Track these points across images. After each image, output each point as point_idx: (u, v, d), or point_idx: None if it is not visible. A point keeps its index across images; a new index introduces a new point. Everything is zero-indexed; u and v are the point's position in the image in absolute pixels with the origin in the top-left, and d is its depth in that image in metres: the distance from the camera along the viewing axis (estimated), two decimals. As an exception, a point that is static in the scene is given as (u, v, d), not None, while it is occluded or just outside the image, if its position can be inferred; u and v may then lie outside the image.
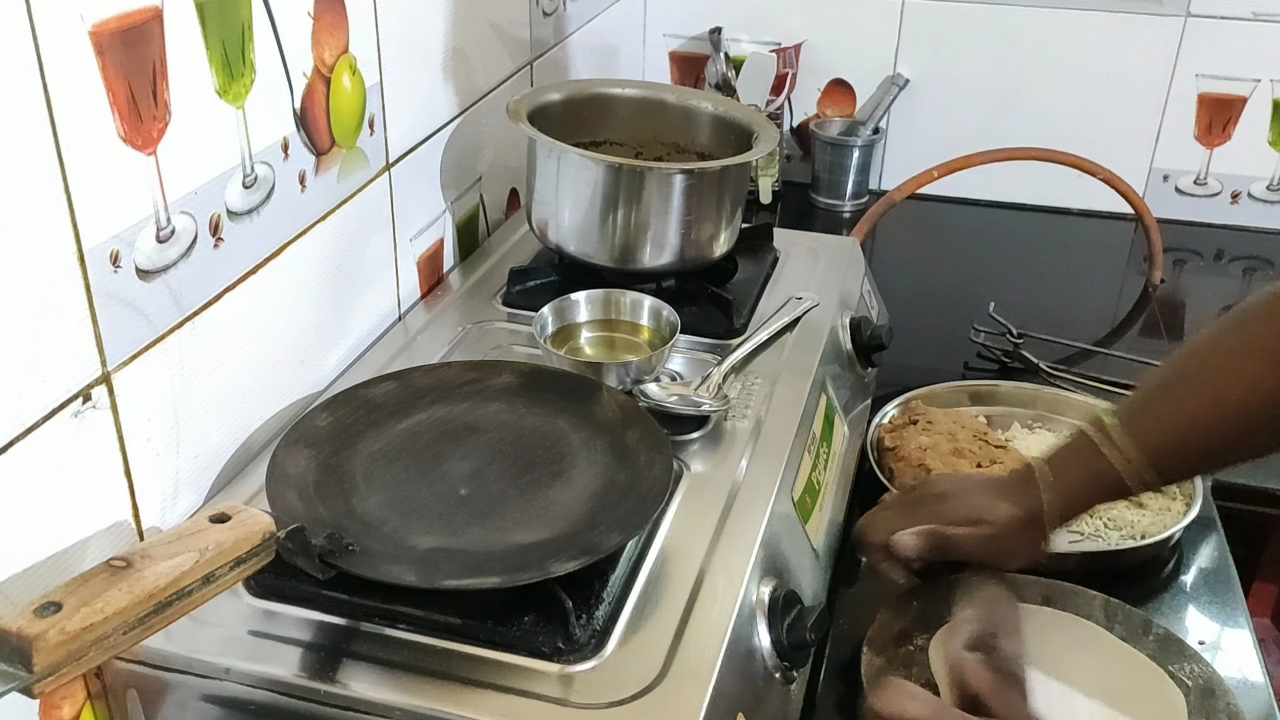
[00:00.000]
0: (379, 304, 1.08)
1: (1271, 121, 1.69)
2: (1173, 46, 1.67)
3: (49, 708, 0.73)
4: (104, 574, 0.58)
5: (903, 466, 1.09)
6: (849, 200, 1.79)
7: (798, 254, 1.23)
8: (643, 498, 0.77)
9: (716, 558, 0.78)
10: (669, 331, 0.99)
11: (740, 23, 1.79)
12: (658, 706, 0.67)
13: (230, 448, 0.88)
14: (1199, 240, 1.73)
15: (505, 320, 1.08)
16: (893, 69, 1.77)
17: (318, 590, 0.72)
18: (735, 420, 0.93)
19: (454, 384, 0.89)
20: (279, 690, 0.69)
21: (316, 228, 0.95)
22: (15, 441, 0.66)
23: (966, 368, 1.36)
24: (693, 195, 1.07)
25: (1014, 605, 0.86)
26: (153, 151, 0.74)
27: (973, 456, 1.08)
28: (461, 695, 0.67)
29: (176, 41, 0.75)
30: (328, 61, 0.94)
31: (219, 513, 0.65)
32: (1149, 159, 1.75)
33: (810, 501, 0.92)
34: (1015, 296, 1.47)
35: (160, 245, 0.76)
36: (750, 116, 1.18)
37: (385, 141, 1.05)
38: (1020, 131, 1.69)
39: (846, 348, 1.13)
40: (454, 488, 0.79)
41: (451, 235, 1.22)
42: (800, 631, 0.77)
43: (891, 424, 1.16)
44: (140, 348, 0.76)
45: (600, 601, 0.73)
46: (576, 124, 1.19)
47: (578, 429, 0.85)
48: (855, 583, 1.02)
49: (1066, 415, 1.21)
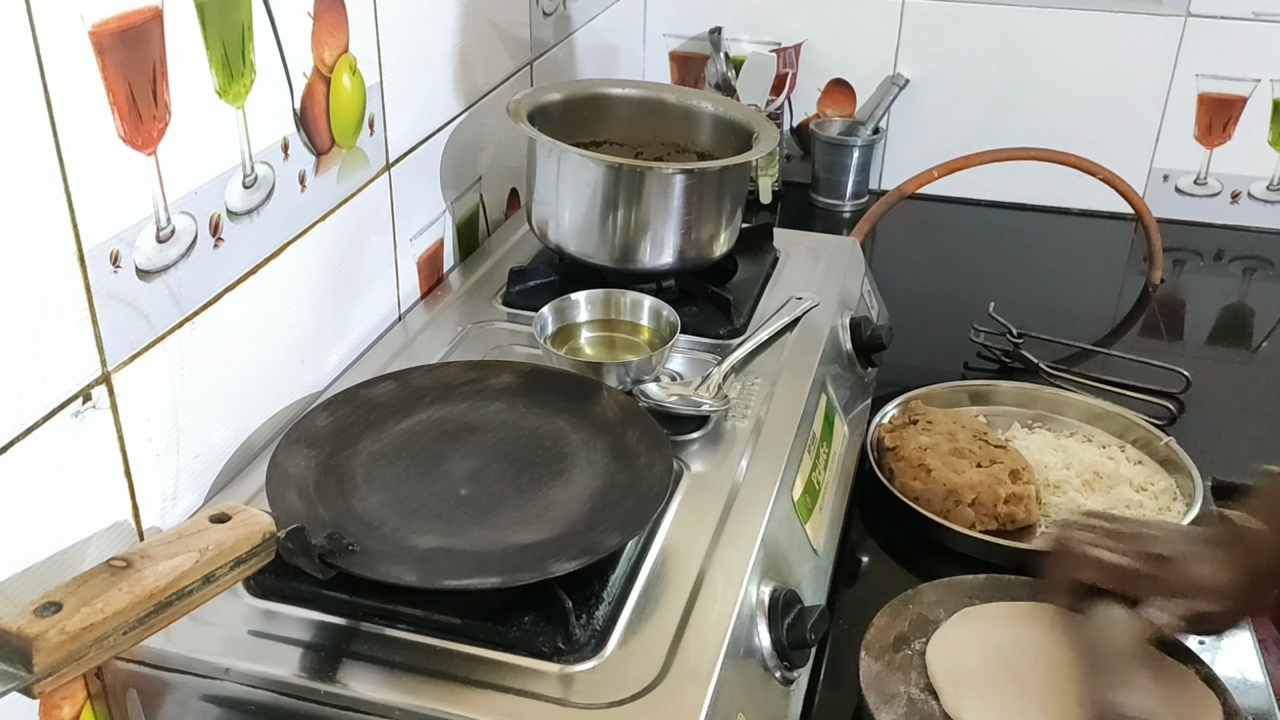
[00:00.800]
0: (379, 304, 1.08)
1: (1271, 121, 1.69)
2: (1173, 46, 1.67)
3: (49, 708, 0.73)
4: (104, 574, 0.58)
5: (903, 466, 1.09)
6: (849, 200, 1.79)
7: (798, 254, 1.23)
8: (643, 498, 0.77)
9: (716, 558, 0.78)
10: (669, 331, 0.99)
11: (740, 23, 1.79)
12: (658, 706, 0.67)
13: (230, 448, 0.88)
14: (1199, 240, 1.73)
15: (505, 320, 1.08)
16: (893, 69, 1.77)
17: (318, 590, 0.72)
18: (735, 420, 0.93)
19: (454, 384, 0.89)
20: (279, 690, 0.69)
21: (316, 228, 0.95)
22: (15, 441, 0.66)
23: (966, 368, 1.36)
24: (693, 195, 1.07)
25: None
26: (153, 151, 0.74)
27: (973, 456, 1.08)
28: (461, 695, 0.67)
29: (176, 41, 0.75)
30: (328, 61, 0.94)
31: (219, 513, 0.65)
32: (1149, 159, 1.75)
33: (810, 501, 0.92)
34: (1015, 296, 1.47)
35: (160, 245, 0.76)
36: (750, 116, 1.18)
37: (385, 141, 1.05)
38: (1020, 131, 1.69)
39: (846, 348, 1.13)
40: (454, 488, 0.79)
41: (451, 235, 1.22)
42: (800, 631, 0.77)
43: (892, 424, 1.16)
44: (140, 348, 0.76)
45: (600, 601, 0.73)
46: (576, 124, 1.19)
47: (578, 429, 0.85)
48: (855, 583, 1.02)
49: (1066, 415, 1.22)
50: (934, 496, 1.05)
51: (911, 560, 1.04)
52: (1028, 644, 0.89)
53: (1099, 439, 1.18)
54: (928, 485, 1.06)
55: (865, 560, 1.05)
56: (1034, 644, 0.89)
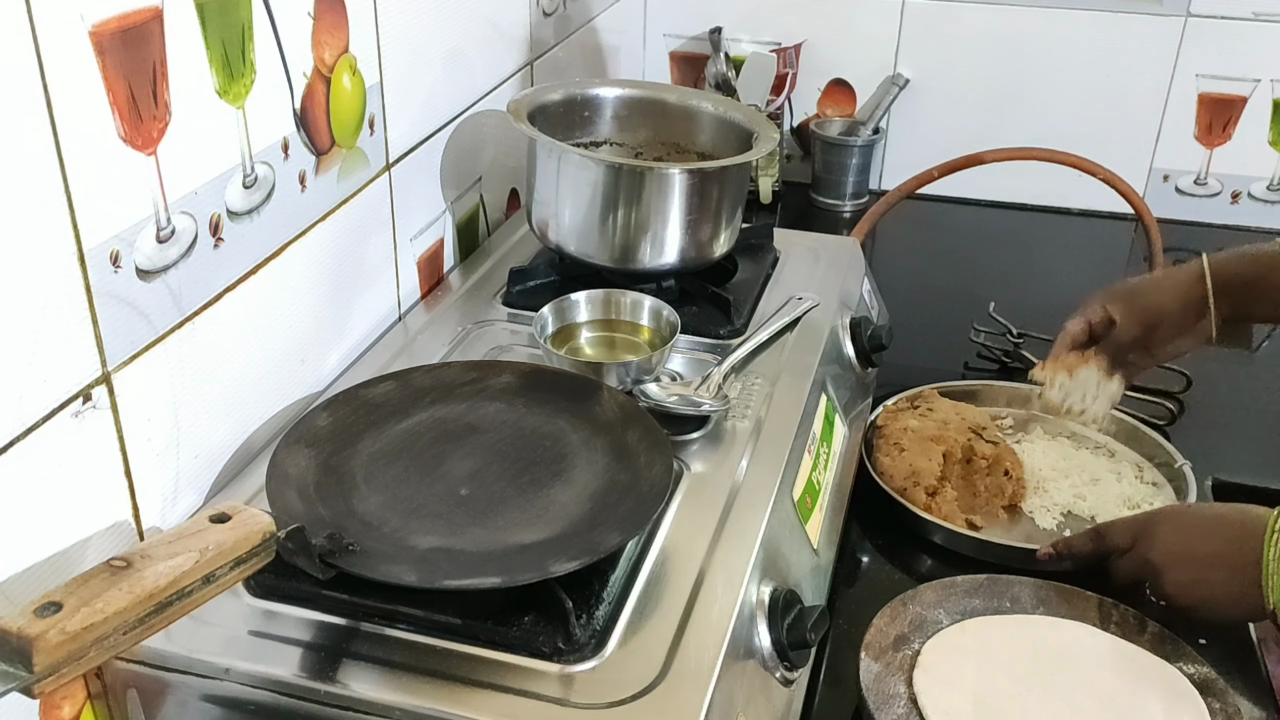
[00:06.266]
0: (379, 304, 1.08)
1: (1271, 121, 1.69)
2: (1173, 46, 1.67)
3: (49, 708, 0.73)
4: (104, 574, 0.58)
5: (881, 443, 1.11)
6: (849, 200, 1.79)
7: (798, 254, 1.23)
8: (643, 498, 0.77)
9: (716, 558, 0.78)
10: (669, 331, 0.99)
11: (740, 23, 1.79)
12: (658, 706, 0.67)
13: (230, 448, 0.88)
14: (1199, 240, 1.72)
15: (505, 320, 1.08)
16: (893, 69, 1.77)
17: (318, 590, 0.72)
18: (735, 420, 0.93)
19: (454, 384, 0.89)
20: (279, 690, 0.69)
21: (316, 228, 0.95)
22: (15, 441, 0.66)
23: (966, 368, 1.36)
24: (693, 195, 1.07)
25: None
26: (153, 151, 0.74)
27: (955, 445, 1.08)
28: (461, 695, 0.67)
29: (176, 41, 0.75)
30: (328, 61, 0.94)
31: (219, 513, 0.65)
32: (1149, 159, 1.75)
33: (810, 501, 0.92)
34: (1015, 296, 1.47)
35: (160, 245, 0.76)
36: (750, 116, 1.18)
37: (385, 141, 1.05)
38: (1020, 131, 1.69)
39: (846, 348, 1.13)
40: (454, 488, 0.79)
41: (451, 235, 1.22)
42: (800, 631, 0.77)
43: (896, 406, 1.17)
44: (140, 348, 0.76)
45: (600, 601, 0.73)
46: (576, 124, 1.19)
47: (578, 429, 0.85)
48: (855, 583, 1.02)
49: (1066, 415, 1.21)
50: (896, 474, 1.07)
51: (911, 560, 1.04)
52: (1025, 650, 0.90)
53: (1095, 439, 1.18)
54: (895, 462, 1.08)
55: (865, 560, 1.05)
56: (1031, 649, 0.90)
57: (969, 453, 1.09)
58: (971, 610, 0.94)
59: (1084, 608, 0.94)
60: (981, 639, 0.91)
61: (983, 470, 1.08)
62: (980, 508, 1.08)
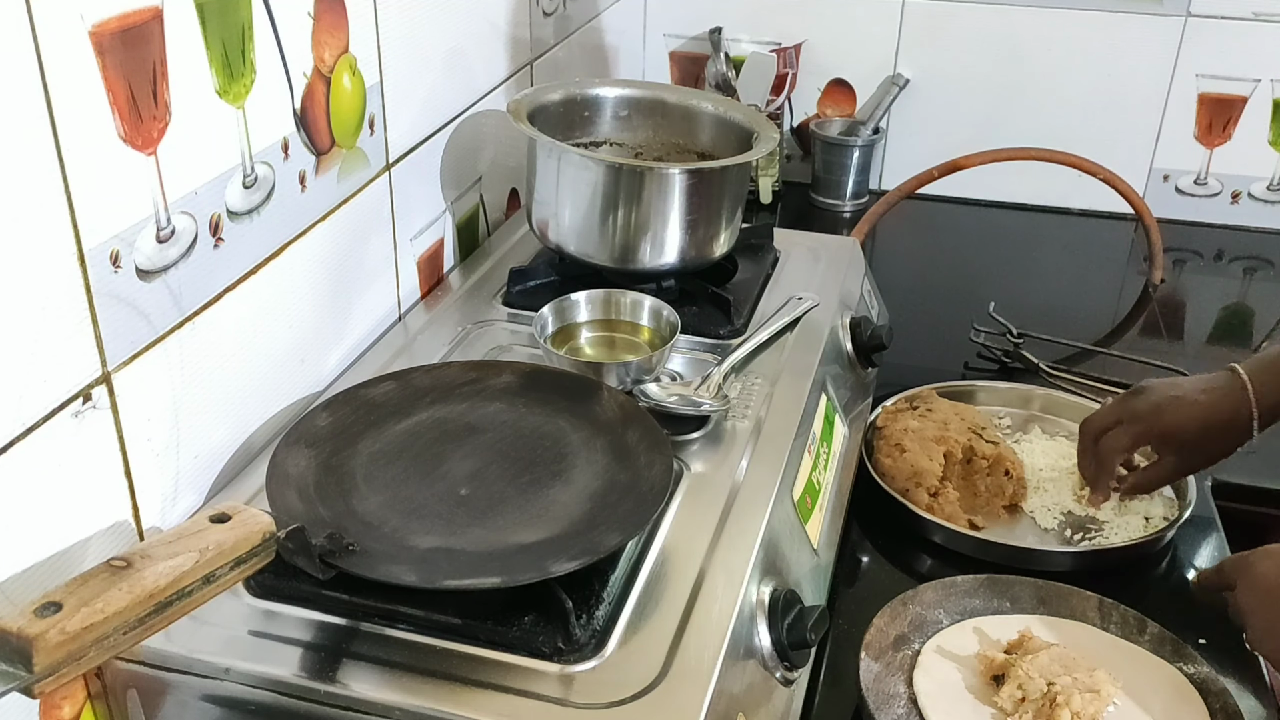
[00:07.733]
0: (379, 304, 1.08)
1: (1271, 121, 1.69)
2: (1173, 46, 1.67)
3: (49, 708, 0.73)
4: (104, 574, 0.58)
5: (882, 444, 1.10)
6: (849, 200, 1.79)
7: (798, 254, 1.23)
8: (643, 498, 0.77)
9: (716, 558, 0.78)
10: (669, 331, 0.99)
11: (740, 23, 1.79)
12: (658, 706, 0.67)
13: (230, 448, 0.88)
14: (1199, 240, 1.73)
15: (505, 320, 1.08)
16: (893, 69, 1.77)
17: (318, 590, 0.72)
18: (735, 420, 0.93)
19: (454, 384, 0.89)
20: (279, 690, 0.69)
21: (316, 228, 0.95)
22: (15, 441, 0.66)
23: (966, 368, 1.36)
24: (693, 195, 1.07)
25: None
26: (153, 151, 0.74)
27: (956, 445, 1.08)
28: (461, 695, 0.67)
29: (176, 42, 0.75)
30: (328, 61, 0.94)
31: (219, 513, 0.65)
32: (1149, 159, 1.75)
33: (810, 501, 0.92)
34: (1015, 296, 1.47)
35: (160, 245, 0.76)
36: (750, 116, 1.18)
37: (385, 141, 1.05)
38: (1020, 131, 1.69)
39: (846, 348, 1.13)
40: (454, 488, 0.79)
41: (451, 235, 1.22)
42: (800, 631, 0.77)
43: (896, 407, 1.17)
44: (140, 348, 0.76)
45: (600, 601, 0.73)
46: (577, 124, 1.19)
47: (578, 429, 0.85)
48: (855, 583, 1.02)
49: (1065, 416, 1.21)
50: (898, 474, 1.07)
51: (911, 560, 1.04)
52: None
53: None
54: (896, 463, 1.08)
55: (865, 560, 1.05)
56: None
57: (969, 453, 1.09)
58: (971, 610, 0.95)
59: (1084, 608, 0.95)
60: (981, 639, 0.91)
61: (983, 470, 1.08)
62: (981, 508, 1.08)
